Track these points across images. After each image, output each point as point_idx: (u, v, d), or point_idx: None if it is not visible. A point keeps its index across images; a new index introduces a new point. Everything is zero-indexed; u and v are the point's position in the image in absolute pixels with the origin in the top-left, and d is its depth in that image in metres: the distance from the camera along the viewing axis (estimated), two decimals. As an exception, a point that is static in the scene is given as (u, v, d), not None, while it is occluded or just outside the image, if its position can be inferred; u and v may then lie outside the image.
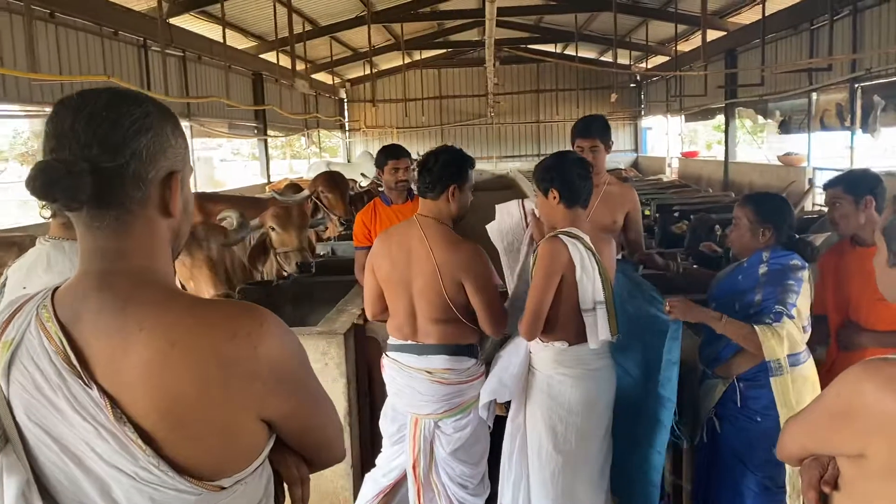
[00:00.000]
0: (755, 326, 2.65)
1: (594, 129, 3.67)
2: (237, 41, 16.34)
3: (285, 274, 4.92)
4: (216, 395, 1.11)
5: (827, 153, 14.51)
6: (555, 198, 2.94)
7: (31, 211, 20.01)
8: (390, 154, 4.34)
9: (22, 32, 7.83)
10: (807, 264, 2.80)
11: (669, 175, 21.85)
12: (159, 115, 1.20)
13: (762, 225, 2.88)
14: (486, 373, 3.16)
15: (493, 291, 3.02)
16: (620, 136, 28.66)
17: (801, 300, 2.73)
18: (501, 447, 3.21)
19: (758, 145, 18.00)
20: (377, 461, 3.36)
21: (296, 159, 28.11)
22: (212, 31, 13.96)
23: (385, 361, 3.20)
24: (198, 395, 1.10)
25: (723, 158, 17.45)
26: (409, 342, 3.10)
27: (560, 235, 2.86)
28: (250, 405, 1.16)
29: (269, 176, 17.19)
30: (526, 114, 28.19)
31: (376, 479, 3.32)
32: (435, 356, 3.05)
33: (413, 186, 4.34)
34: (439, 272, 2.96)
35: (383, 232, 3.34)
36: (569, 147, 3.70)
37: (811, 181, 12.04)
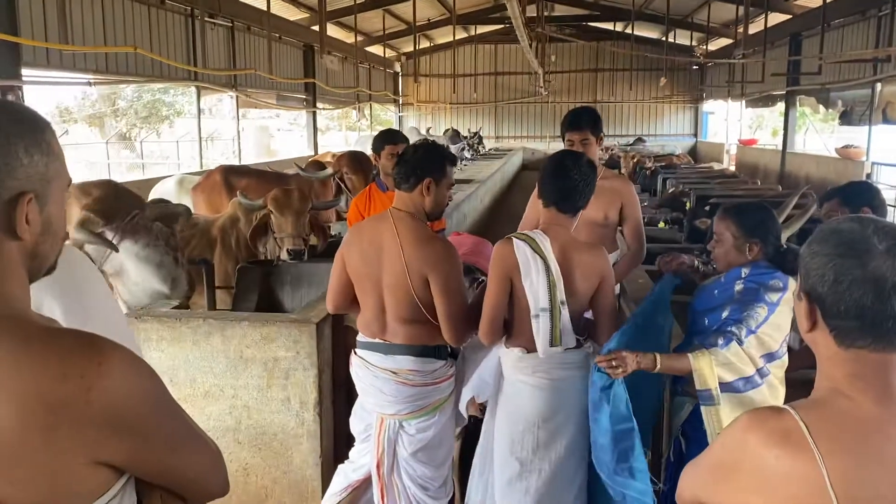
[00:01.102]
0: (689, 355, 2.49)
1: (584, 122, 3.56)
2: (289, 12, 16.40)
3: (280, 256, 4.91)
4: (41, 440, 1.04)
5: (890, 147, 13.80)
6: (535, 191, 2.87)
7: (99, 172, 20.76)
8: (388, 139, 4.24)
9: (67, 2, 7.99)
10: (788, 286, 2.59)
11: (728, 163, 21.20)
12: (8, 132, 1.11)
13: (748, 240, 2.66)
14: (455, 375, 3.08)
15: (457, 296, 2.89)
16: (679, 121, 27.91)
17: (773, 326, 2.52)
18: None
19: (821, 134, 17.25)
20: (350, 454, 3.33)
21: (351, 131, 28.30)
22: (262, 0, 14.03)
23: (353, 359, 3.13)
24: (21, 440, 1.03)
25: (783, 147, 16.80)
26: (377, 340, 3.01)
27: (513, 237, 2.77)
28: (82, 450, 1.07)
29: (316, 148, 17.31)
30: (583, 93, 27.62)
31: (347, 474, 3.29)
32: (401, 356, 2.96)
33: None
34: (407, 269, 2.84)
35: (355, 224, 3.26)
36: (624, 130, 3.57)
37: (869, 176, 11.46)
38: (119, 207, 3.76)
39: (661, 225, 7.20)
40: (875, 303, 1.23)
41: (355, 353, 3.11)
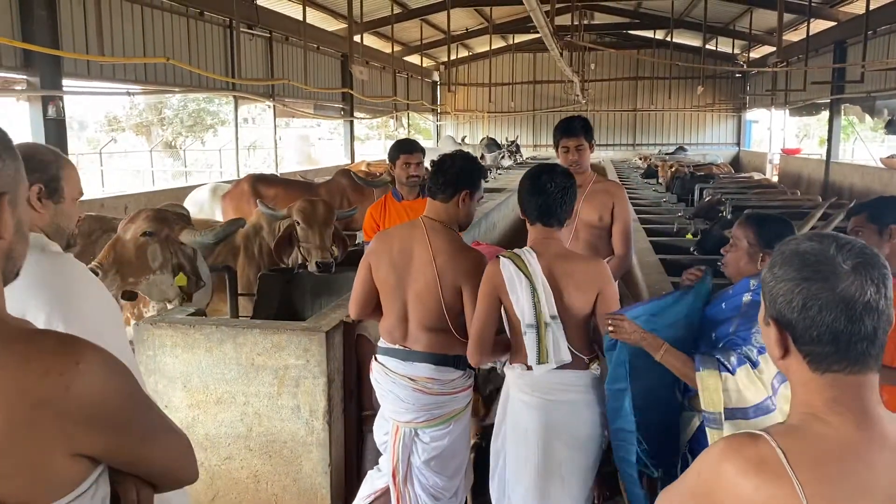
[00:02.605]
0: (698, 371, 2.41)
1: (578, 129, 3.69)
2: (327, 23, 16.61)
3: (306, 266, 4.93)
4: (24, 435, 1.09)
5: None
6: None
7: (144, 179, 21.22)
8: (403, 148, 4.25)
9: (107, 14, 8.21)
10: None
11: (771, 173, 20.79)
12: None
13: (763, 250, 2.60)
14: (474, 387, 3.12)
15: None
16: (721, 129, 27.46)
17: None
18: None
19: (868, 144, 16.80)
20: (380, 461, 3.34)
21: (390, 140, 28.49)
22: (299, 11, 14.23)
23: (373, 365, 3.15)
24: (5, 435, 1.08)
25: (827, 157, 16.38)
26: (397, 347, 3.03)
27: (499, 255, 2.76)
28: (61, 444, 1.13)
29: (352, 157, 17.46)
30: (622, 101, 27.37)
31: (373, 480, 3.30)
32: (420, 364, 2.98)
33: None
34: (439, 278, 2.88)
35: (383, 231, 3.28)
36: (666, 139, 3.59)
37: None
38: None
39: (689, 237, 7.05)
40: (847, 325, 1.19)
41: (376, 359, 3.13)
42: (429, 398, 2.97)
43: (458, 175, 2.98)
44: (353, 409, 3.70)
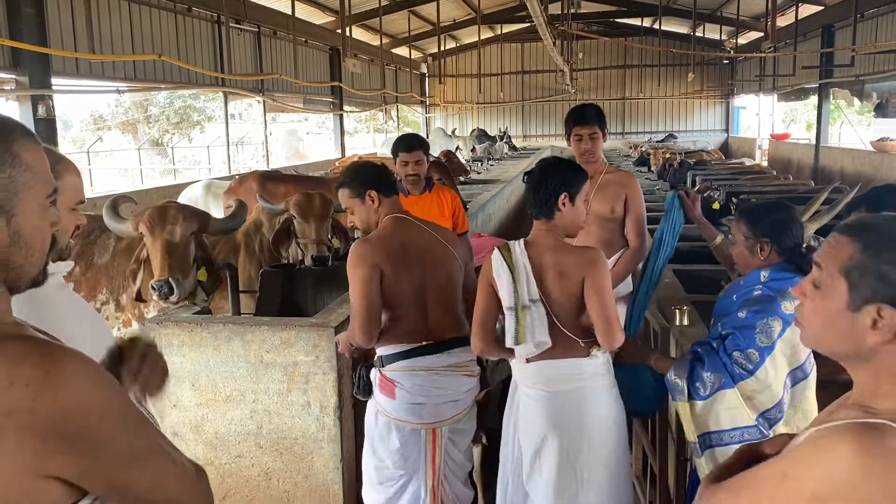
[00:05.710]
0: (673, 402, 2.42)
1: (592, 116, 3.65)
2: (315, 16, 16.49)
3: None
4: None
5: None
6: None
7: (133, 178, 21.06)
8: (401, 146, 4.17)
9: (95, 11, 8.11)
10: None
11: (760, 158, 20.88)
12: None
13: (758, 240, 2.57)
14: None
15: None
16: (710, 116, 27.53)
17: (787, 343, 2.42)
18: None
19: (856, 127, 16.88)
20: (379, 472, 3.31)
21: (379, 133, 28.41)
22: (287, 5, 14.12)
23: (395, 375, 3.04)
24: None
25: (816, 141, 16.45)
26: (424, 343, 3.00)
27: (497, 247, 2.80)
28: (26, 463, 1.03)
29: (343, 151, 17.38)
30: (611, 90, 27.36)
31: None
32: (457, 350, 3.00)
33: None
34: (464, 266, 3.10)
35: (376, 238, 3.25)
36: (655, 126, 3.67)
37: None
38: None
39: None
40: None
41: (394, 370, 3.04)
42: (472, 381, 3.06)
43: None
44: (362, 405, 3.68)
